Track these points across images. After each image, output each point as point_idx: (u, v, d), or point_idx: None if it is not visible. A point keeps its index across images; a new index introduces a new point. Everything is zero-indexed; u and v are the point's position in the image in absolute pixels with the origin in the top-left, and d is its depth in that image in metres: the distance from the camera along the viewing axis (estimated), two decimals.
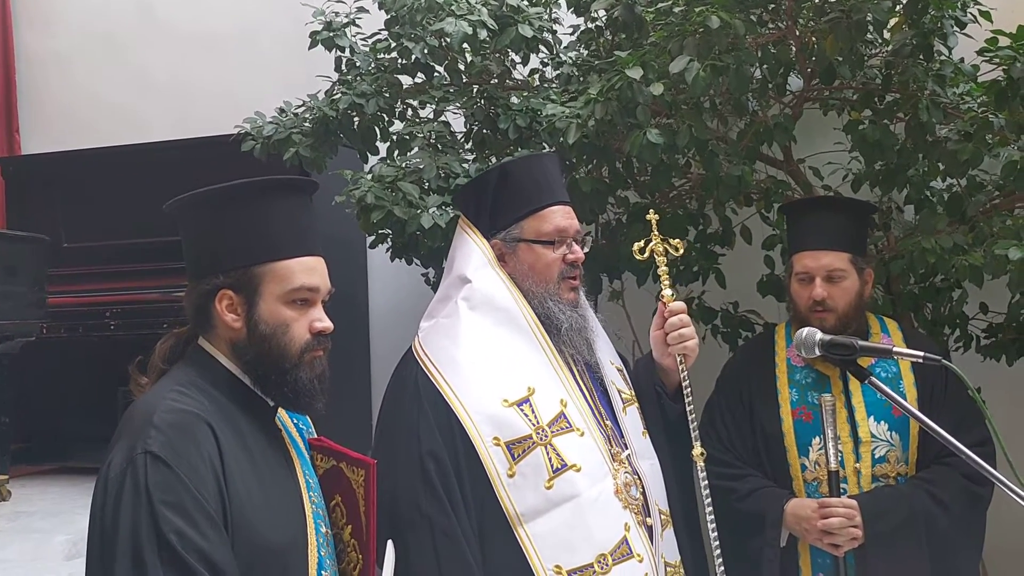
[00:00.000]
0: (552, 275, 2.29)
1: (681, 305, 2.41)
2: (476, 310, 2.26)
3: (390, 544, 1.93)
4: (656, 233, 2.47)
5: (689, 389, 2.37)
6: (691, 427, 2.35)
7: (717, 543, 2.30)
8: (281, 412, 1.89)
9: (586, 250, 2.39)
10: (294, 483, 1.79)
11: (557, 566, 2.09)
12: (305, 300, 1.77)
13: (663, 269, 2.44)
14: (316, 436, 1.96)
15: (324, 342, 1.80)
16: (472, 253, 2.33)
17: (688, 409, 2.36)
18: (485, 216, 2.36)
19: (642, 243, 2.47)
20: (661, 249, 2.45)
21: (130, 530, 1.55)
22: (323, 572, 1.75)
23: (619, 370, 2.42)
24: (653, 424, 2.41)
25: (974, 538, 2.55)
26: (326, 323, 1.79)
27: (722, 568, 2.29)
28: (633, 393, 2.41)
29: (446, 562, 2.06)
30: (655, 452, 2.36)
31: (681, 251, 2.47)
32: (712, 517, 2.32)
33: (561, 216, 2.32)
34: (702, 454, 2.34)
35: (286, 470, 1.80)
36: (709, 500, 2.32)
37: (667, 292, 2.42)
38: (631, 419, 2.34)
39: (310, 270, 1.78)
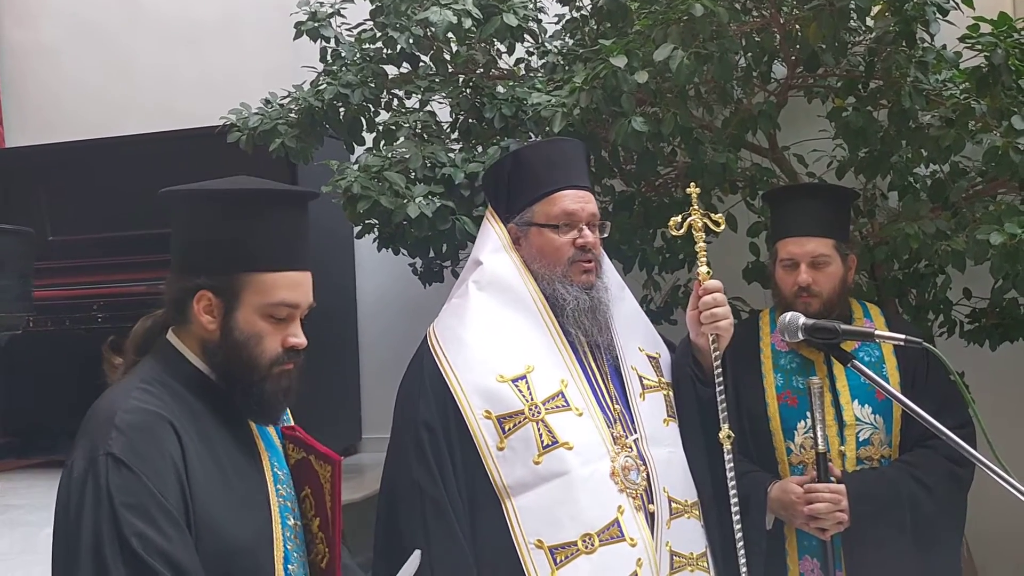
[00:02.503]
0: (561, 259, 2.31)
1: (717, 284, 2.38)
2: (484, 290, 2.32)
3: (416, 552, 1.93)
4: (696, 207, 2.41)
5: (720, 369, 2.34)
6: (719, 407, 2.33)
7: (739, 526, 2.31)
8: None
9: (605, 235, 2.40)
10: (260, 477, 1.77)
11: (539, 540, 2.11)
12: (283, 316, 1.75)
13: (701, 246, 2.40)
14: (291, 425, 1.94)
15: (295, 357, 1.78)
16: (489, 237, 2.39)
17: (719, 390, 2.34)
18: (502, 201, 2.42)
19: (679, 218, 2.41)
20: (700, 224, 2.40)
21: (92, 533, 1.55)
22: (289, 565, 1.74)
23: (651, 357, 2.42)
24: (687, 411, 2.40)
25: (956, 519, 2.58)
26: (300, 339, 1.77)
27: (743, 551, 2.30)
28: (663, 380, 2.40)
29: (433, 527, 2.11)
30: (679, 442, 2.35)
31: (723, 226, 2.41)
32: (735, 500, 2.30)
33: (571, 200, 2.34)
34: (729, 436, 2.33)
35: (252, 464, 1.78)
36: (733, 483, 2.31)
37: (703, 270, 2.38)
38: (650, 405, 2.33)
39: (294, 286, 1.76)
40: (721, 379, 2.36)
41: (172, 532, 1.56)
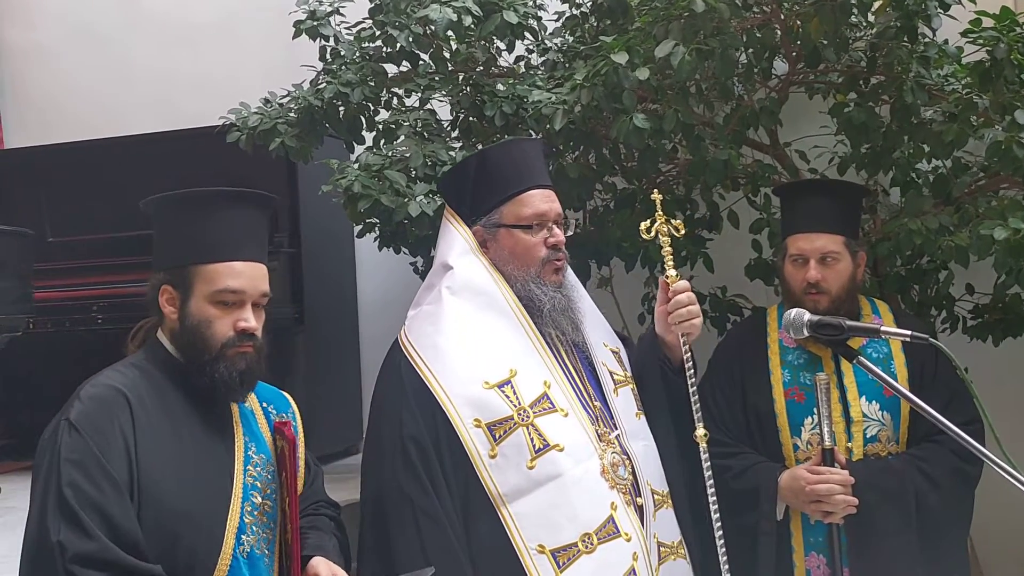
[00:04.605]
0: (534, 259, 2.30)
1: (685, 284, 2.41)
2: (458, 296, 2.29)
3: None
4: (660, 213, 2.46)
5: (692, 368, 2.37)
6: (694, 408, 2.35)
7: (719, 523, 2.31)
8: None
9: (569, 233, 2.40)
10: (227, 456, 1.96)
11: (540, 545, 2.10)
12: (229, 301, 1.94)
13: (667, 250, 2.45)
14: (284, 420, 2.10)
15: (251, 340, 1.96)
16: (455, 241, 2.36)
17: (691, 388, 2.36)
18: (466, 203, 2.39)
19: (648, 223, 2.46)
20: (665, 230, 2.45)
21: (43, 485, 1.78)
22: (243, 536, 1.91)
23: (613, 352, 2.43)
24: (654, 401, 2.41)
25: (962, 515, 2.58)
26: (250, 323, 1.95)
27: (723, 548, 2.30)
28: (628, 374, 2.41)
29: (429, 542, 2.09)
30: (651, 432, 2.37)
31: (683, 231, 2.48)
32: (714, 498, 2.32)
33: (540, 200, 2.33)
34: (705, 435, 2.34)
35: (221, 443, 1.97)
36: (711, 481, 2.32)
37: (671, 273, 2.43)
38: (623, 400, 2.34)
39: (237, 274, 1.95)
40: (693, 377, 2.37)
41: (108, 489, 1.75)
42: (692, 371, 2.38)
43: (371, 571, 2.16)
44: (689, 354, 2.38)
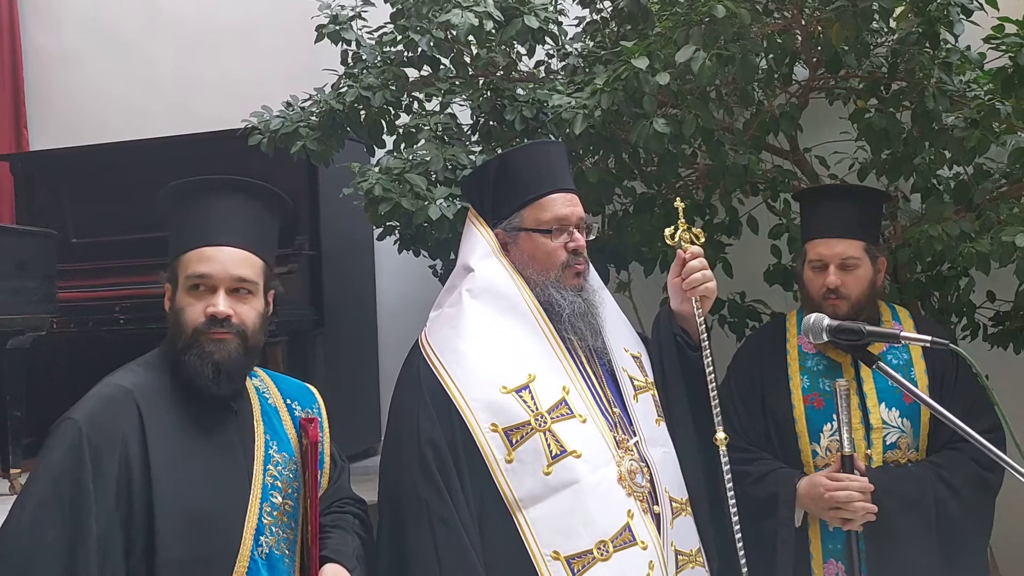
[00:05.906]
0: (554, 263, 2.29)
1: (697, 250, 2.42)
2: (479, 299, 2.28)
3: None
4: (683, 220, 2.47)
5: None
6: (714, 411, 2.34)
7: (738, 527, 2.30)
8: (271, 388, 2.06)
9: (592, 238, 2.39)
10: (244, 456, 1.94)
11: (555, 552, 2.10)
12: (200, 287, 1.92)
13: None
14: (310, 417, 2.08)
15: (226, 326, 1.91)
16: (477, 243, 2.35)
17: (712, 395, 2.34)
18: (488, 206, 2.38)
19: (671, 229, 2.47)
20: (688, 238, 2.46)
21: (38, 478, 1.79)
22: (261, 537, 1.90)
23: (634, 356, 2.42)
24: (674, 390, 2.40)
25: (983, 523, 2.55)
26: (218, 308, 1.90)
27: (743, 553, 2.29)
28: (648, 380, 2.40)
29: (443, 547, 2.08)
30: (671, 437, 2.36)
31: (703, 239, 2.48)
32: (734, 502, 2.30)
33: (561, 204, 2.32)
34: (725, 439, 2.32)
35: (236, 443, 1.95)
36: (731, 485, 2.31)
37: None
38: (643, 406, 2.33)
39: (205, 259, 1.92)
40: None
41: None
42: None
43: (386, 573, 2.16)
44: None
